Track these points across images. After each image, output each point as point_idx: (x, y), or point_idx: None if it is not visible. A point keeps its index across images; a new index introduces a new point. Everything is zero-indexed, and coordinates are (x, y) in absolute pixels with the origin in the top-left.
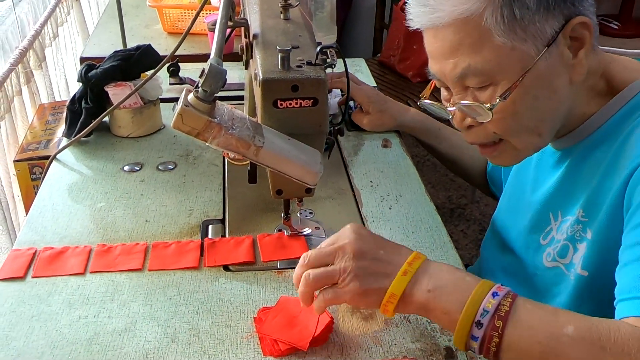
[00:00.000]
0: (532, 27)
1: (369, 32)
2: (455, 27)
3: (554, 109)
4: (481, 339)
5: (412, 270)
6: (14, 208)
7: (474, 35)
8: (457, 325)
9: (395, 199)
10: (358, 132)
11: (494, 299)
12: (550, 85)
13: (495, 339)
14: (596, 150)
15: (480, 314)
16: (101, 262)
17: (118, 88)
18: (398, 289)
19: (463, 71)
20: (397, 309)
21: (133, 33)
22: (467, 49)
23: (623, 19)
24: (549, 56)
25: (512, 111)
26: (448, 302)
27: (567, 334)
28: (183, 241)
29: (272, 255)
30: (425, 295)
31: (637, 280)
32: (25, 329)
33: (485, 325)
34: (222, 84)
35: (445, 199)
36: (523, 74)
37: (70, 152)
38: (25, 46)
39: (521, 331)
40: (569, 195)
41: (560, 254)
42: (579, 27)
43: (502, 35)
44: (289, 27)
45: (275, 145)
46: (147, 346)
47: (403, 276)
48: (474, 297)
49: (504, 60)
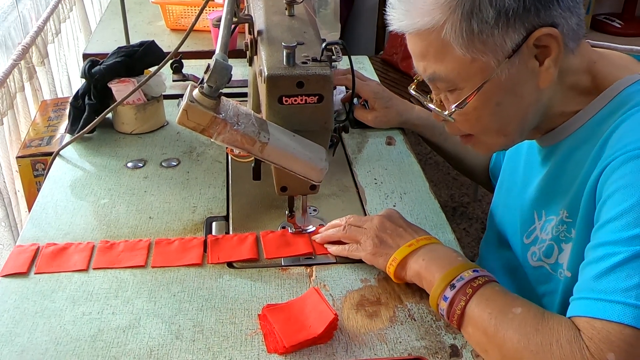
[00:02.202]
0: (490, 41)
1: (371, 29)
2: (420, 36)
3: (520, 113)
4: (450, 300)
5: (417, 244)
6: (17, 204)
7: (437, 46)
8: (435, 284)
9: (400, 197)
10: (362, 130)
11: (473, 273)
12: (514, 92)
13: (461, 304)
14: (579, 149)
15: (456, 279)
16: (105, 259)
17: (121, 84)
18: (400, 255)
19: (430, 76)
20: (397, 271)
21: (136, 30)
22: (432, 57)
23: (626, 18)
24: (511, 66)
25: (474, 115)
26: (436, 271)
27: (514, 312)
28: (186, 238)
29: (275, 252)
30: (419, 264)
31: (590, 282)
32: (29, 325)
33: (457, 288)
34: (227, 80)
35: (447, 198)
36: (481, 85)
37: (74, 149)
38: (27, 42)
39: (480, 301)
40: (552, 195)
41: (545, 254)
42: (544, 37)
43: (462, 48)
44: (294, 24)
45: (280, 141)
46: (151, 343)
47: (407, 247)
48: (457, 267)
49: (465, 71)
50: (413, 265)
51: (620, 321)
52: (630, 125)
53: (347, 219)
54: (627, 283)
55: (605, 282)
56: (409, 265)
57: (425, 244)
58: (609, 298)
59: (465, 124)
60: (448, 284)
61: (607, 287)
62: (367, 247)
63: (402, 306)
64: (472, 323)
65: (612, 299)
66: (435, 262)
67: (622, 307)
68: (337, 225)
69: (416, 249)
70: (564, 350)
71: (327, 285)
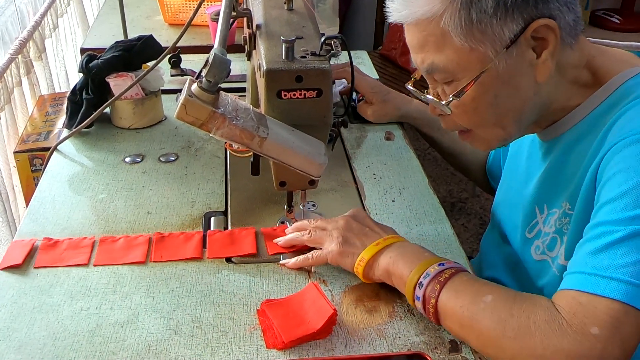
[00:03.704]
0: (489, 30)
1: (370, 25)
2: (419, 26)
3: (518, 105)
4: (422, 299)
5: (384, 243)
6: (14, 199)
7: (436, 35)
8: (406, 285)
9: (399, 192)
10: (361, 125)
11: (438, 267)
12: (511, 84)
13: (432, 301)
14: (580, 142)
15: (423, 276)
16: (103, 254)
17: (119, 79)
18: (367, 254)
19: (428, 67)
20: (365, 271)
21: (134, 24)
22: (431, 47)
23: (624, 14)
24: (509, 57)
25: (472, 107)
26: (404, 267)
27: (484, 301)
28: (185, 233)
29: (277, 248)
30: (387, 261)
31: (586, 257)
32: (26, 320)
33: (424, 285)
34: (226, 74)
35: (446, 193)
36: (479, 75)
37: (71, 143)
38: (25, 37)
39: (450, 294)
40: (554, 188)
41: (549, 247)
42: (542, 29)
43: (461, 37)
44: (293, 18)
45: (279, 136)
46: (149, 338)
47: (375, 246)
48: (423, 263)
49: (463, 61)
50: (381, 263)
51: (610, 296)
52: (631, 115)
53: (313, 222)
54: (623, 260)
55: (600, 259)
56: (377, 264)
57: (392, 242)
58: (603, 274)
59: (463, 116)
60: (416, 283)
61: (602, 263)
62: (333, 247)
63: (401, 301)
64: (447, 317)
65: (606, 275)
66: (402, 259)
67: (615, 283)
68: (302, 228)
69: (383, 247)
70: (542, 330)
71: (326, 280)
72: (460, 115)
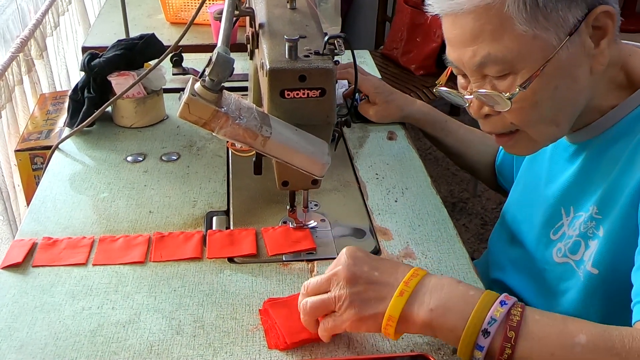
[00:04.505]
0: (554, 15)
1: (371, 24)
2: (476, 14)
3: (574, 99)
4: (488, 349)
5: (408, 289)
6: (15, 198)
7: (495, 23)
8: (462, 334)
9: (401, 192)
10: (363, 124)
11: (501, 307)
12: (570, 75)
13: (507, 351)
14: (613, 146)
15: (487, 322)
16: (102, 254)
17: (121, 77)
18: (395, 311)
19: (482, 59)
20: (398, 330)
21: (135, 23)
22: (488, 36)
23: (626, 14)
24: (571, 45)
25: (532, 101)
26: (453, 318)
27: (580, 343)
28: (185, 232)
29: (278, 249)
30: (428, 315)
31: None
32: (28, 319)
33: (492, 334)
34: (229, 73)
35: (447, 193)
36: (544, 63)
37: (73, 142)
38: (26, 35)
39: (533, 343)
40: (582, 191)
41: (571, 250)
42: (602, 16)
43: (524, 23)
44: (296, 17)
45: (282, 135)
46: (151, 338)
47: (399, 297)
48: (480, 305)
49: (525, 49)
50: (420, 317)
51: None
52: None
53: (303, 290)
54: None
55: None
56: (412, 320)
57: (415, 283)
58: None
59: (519, 113)
60: (479, 331)
61: None
62: (347, 314)
63: None
64: None
65: None
66: (448, 308)
67: None
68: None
69: (409, 295)
70: None
71: None
72: (517, 112)
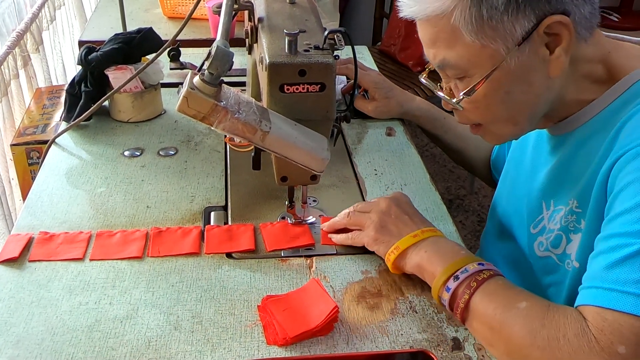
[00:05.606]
0: (500, 27)
1: (369, 20)
2: (431, 22)
3: (530, 102)
4: (453, 292)
5: (422, 236)
6: (10, 193)
7: (448, 32)
8: (438, 275)
9: (400, 188)
10: (362, 120)
11: (478, 266)
12: (524, 80)
13: (465, 296)
14: (591, 139)
15: (460, 271)
16: (99, 249)
17: (119, 71)
18: (403, 244)
19: (440, 63)
20: (396, 260)
21: (132, 17)
22: (443, 43)
23: (623, 12)
24: (521, 54)
25: (484, 103)
26: (437, 263)
27: (518, 307)
28: (183, 228)
29: (276, 244)
30: (421, 255)
31: (602, 272)
32: (24, 314)
33: (461, 279)
34: (228, 67)
35: (443, 190)
36: (491, 71)
37: (70, 137)
38: (22, 29)
39: (484, 296)
40: (561, 184)
41: (553, 244)
42: (555, 25)
43: (471, 34)
44: (295, 11)
45: (282, 130)
46: (149, 333)
47: (412, 237)
48: (461, 259)
49: (475, 57)
50: (414, 256)
51: (633, 313)
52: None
53: (355, 206)
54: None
55: (617, 273)
56: (409, 256)
57: (429, 235)
58: (621, 289)
59: (475, 112)
60: (451, 275)
61: (619, 277)
62: (370, 232)
63: (403, 298)
64: (476, 317)
65: (624, 290)
66: (438, 254)
67: (635, 299)
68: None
69: (420, 240)
70: (571, 345)
71: (327, 276)
72: (472, 112)
